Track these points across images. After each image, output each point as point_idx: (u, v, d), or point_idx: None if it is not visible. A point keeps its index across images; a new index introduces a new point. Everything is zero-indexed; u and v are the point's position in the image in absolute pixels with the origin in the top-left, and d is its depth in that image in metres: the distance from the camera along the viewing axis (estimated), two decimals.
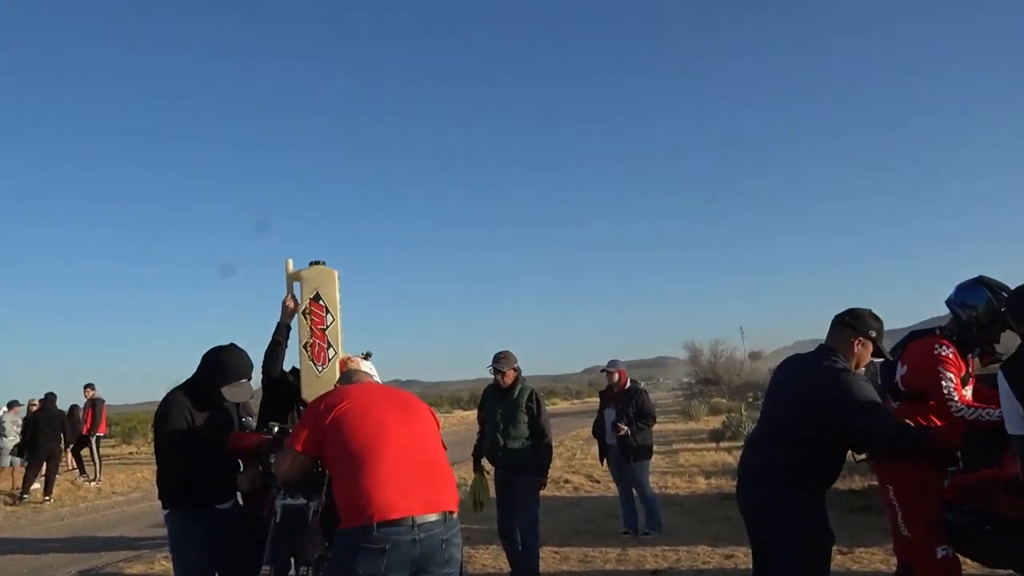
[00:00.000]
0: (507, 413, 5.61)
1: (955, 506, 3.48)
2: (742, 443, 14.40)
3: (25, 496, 12.49)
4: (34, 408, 13.73)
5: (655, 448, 8.02)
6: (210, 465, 3.58)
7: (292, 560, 3.38)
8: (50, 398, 13.44)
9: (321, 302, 4.05)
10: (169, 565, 6.94)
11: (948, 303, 3.76)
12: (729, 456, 12.84)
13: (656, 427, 7.85)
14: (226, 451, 3.68)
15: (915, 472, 3.56)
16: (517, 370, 5.73)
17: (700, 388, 32.16)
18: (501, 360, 5.71)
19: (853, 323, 3.46)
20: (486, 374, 5.87)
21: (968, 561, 3.62)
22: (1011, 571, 3.49)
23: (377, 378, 5.04)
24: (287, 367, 4.24)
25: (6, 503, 12.35)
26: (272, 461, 3.42)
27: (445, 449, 3.19)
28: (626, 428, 7.17)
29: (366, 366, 5.06)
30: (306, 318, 4.05)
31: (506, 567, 5.93)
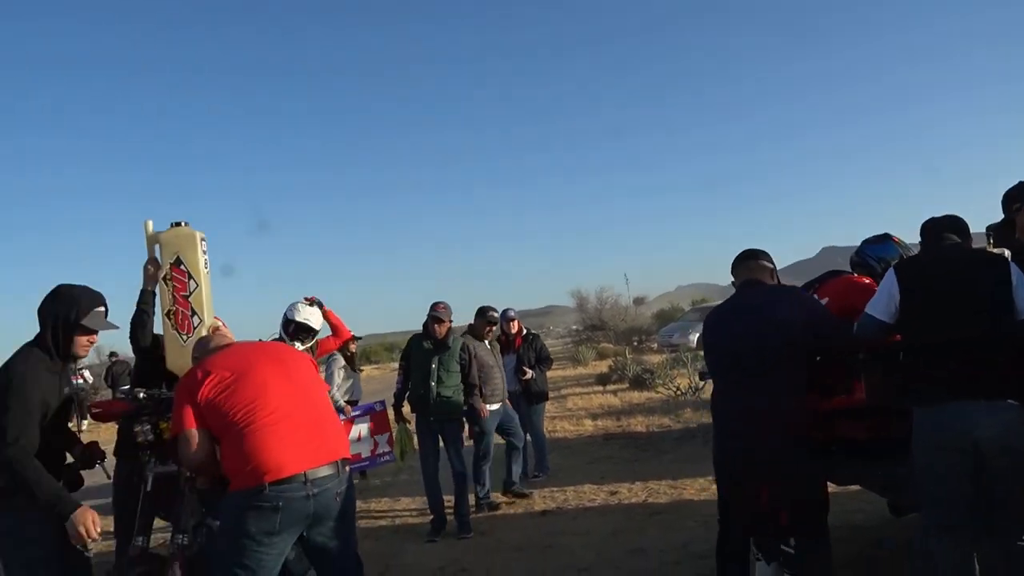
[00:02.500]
0: (443, 362, 5.74)
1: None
2: (627, 385, 14.84)
3: None
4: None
5: None
6: (59, 444, 3.10)
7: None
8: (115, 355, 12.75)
9: (183, 267, 3.81)
10: None
11: (860, 257, 3.92)
12: (614, 398, 13.28)
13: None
14: (66, 426, 3.20)
15: None
16: (451, 321, 5.87)
17: (587, 334, 32.92)
18: (442, 310, 5.81)
19: (769, 258, 3.55)
20: (376, 328, 5.88)
21: None
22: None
23: (315, 324, 4.94)
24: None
25: None
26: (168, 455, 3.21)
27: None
28: (532, 372, 7.28)
29: (311, 312, 5.03)
30: (168, 284, 3.81)
31: (426, 516, 6.02)
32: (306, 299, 5.10)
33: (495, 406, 6.34)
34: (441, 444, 5.84)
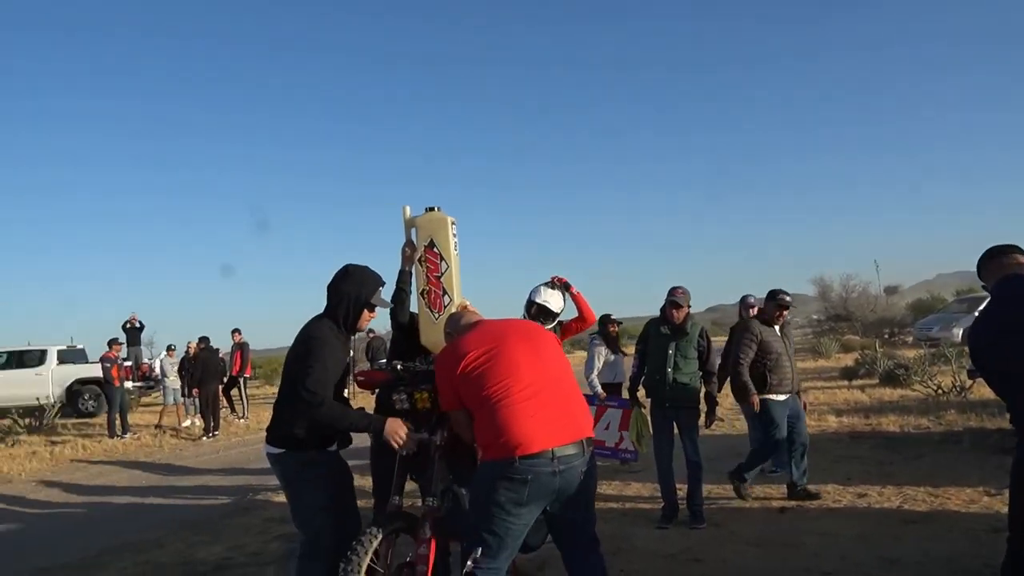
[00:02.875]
0: (680, 348, 5.66)
1: None
2: (877, 381, 13.73)
3: (215, 433, 13.53)
4: (191, 349, 14.98)
5: None
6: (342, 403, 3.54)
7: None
8: (207, 341, 14.57)
9: (435, 249, 4.08)
10: None
11: None
12: (862, 394, 12.30)
13: None
14: (342, 391, 3.60)
15: None
16: (690, 306, 5.77)
17: (830, 325, 30.77)
18: (680, 295, 5.73)
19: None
20: (625, 312, 5.92)
21: None
22: None
23: (555, 307, 4.92)
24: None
25: (172, 436, 13.62)
26: (403, 402, 3.55)
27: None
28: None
29: (552, 295, 5.02)
30: (422, 266, 4.11)
31: (656, 503, 6.04)
32: (552, 280, 5.15)
33: (782, 397, 6.06)
34: (676, 432, 5.76)
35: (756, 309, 7.22)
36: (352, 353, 3.77)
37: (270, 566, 5.30)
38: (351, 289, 3.46)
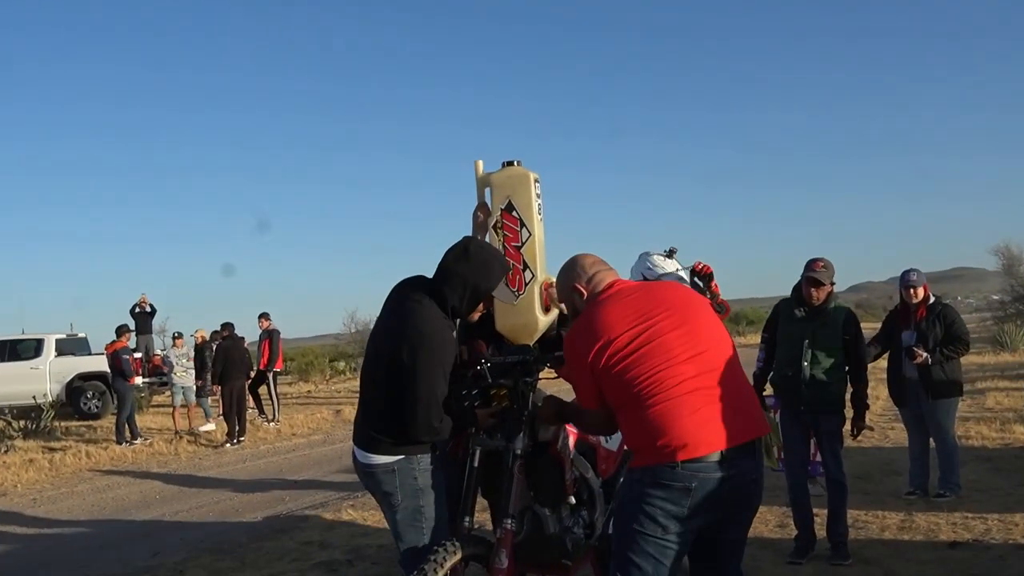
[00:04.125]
0: (819, 337, 5.49)
1: None
2: None
3: (240, 439, 14.08)
4: (200, 340, 15.46)
5: None
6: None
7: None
8: (231, 328, 14.96)
9: (514, 213, 3.98)
10: (356, 513, 7.74)
11: None
12: None
13: None
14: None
15: None
16: (833, 284, 5.56)
17: (1017, 308, 29.65)
18: (820, 269, 5.48)
19: None
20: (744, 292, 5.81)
21: None
22: None
23: (684, 277, 4.89)
24: None
25: (189, 443, 14.17)
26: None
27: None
28: (925, 354, 6.81)
29: (671, 265, 5.05)
30: (497, 233, 4.03)
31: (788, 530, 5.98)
32: (694, 267, 5.03)
33: None
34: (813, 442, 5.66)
35: (921, 289, 7.01)
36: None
37: None
38: (470, 276, 3.51)
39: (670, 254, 5.13)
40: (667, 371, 2.94)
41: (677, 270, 5.12)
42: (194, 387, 15.48)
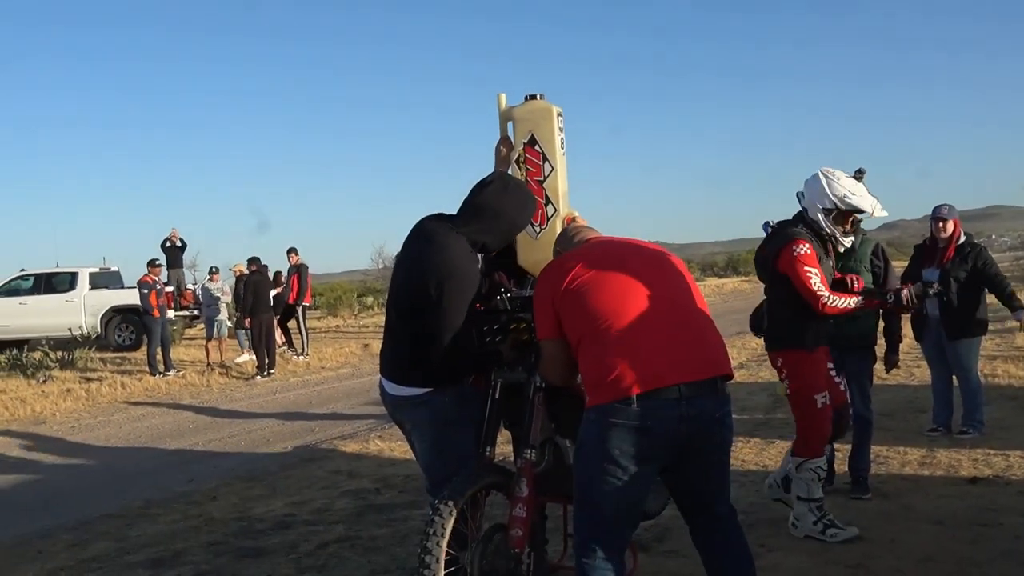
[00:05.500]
0: (845, 271, 5.24)
1: None
2: None
3: (271, 372, 14.33)
4: (238, 273, 15.62)
5: None
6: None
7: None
8: (259, 262, 15.08)
9: (537, 148, 3.97)
10: (383, 444, 7.91)
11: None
12: None
13: None
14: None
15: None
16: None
17: None
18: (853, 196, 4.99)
19: None
20: (747, 233, 5.71)
21: None
22: None
23: (867, 206, 4.62)
24: None
25: (221, 375, 14.45)
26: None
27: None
28: (937, 286, 6.61)
29: (858, 190, 4.64)
30: (520, 168, 4.04)
31: (774, 462, 5.99)
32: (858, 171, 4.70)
33: None
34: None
35: (951, 224, 6.85)
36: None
37: (338, 525, 5.62)
38: (509, 211, 3.56)
39: (859, 175, 4.75)
40: (626, 302, 2.98)
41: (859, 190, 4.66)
42: (226, 321, 15.72)
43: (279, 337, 16.19)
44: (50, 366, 14.99)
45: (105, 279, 19.75)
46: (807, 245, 4.54)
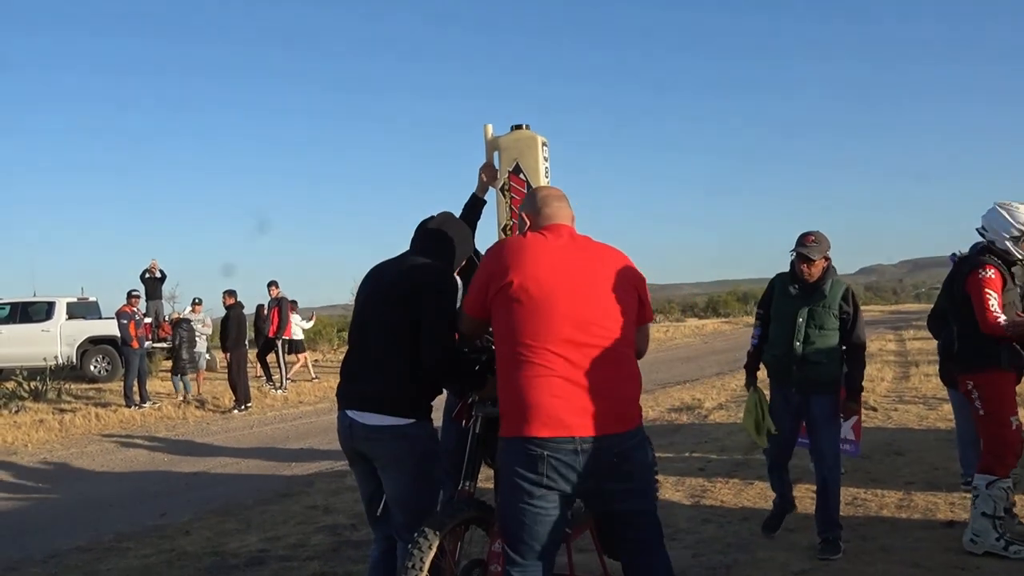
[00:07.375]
0: (813, 314, 5.30)
1: None
2: None
3: (247, 406, 14.18)
4: (176, 320, 15.53)
5: None
6: None
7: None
8: (235, 296, 15.00)
9: (522, 176, 4.05)
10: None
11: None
12: None
13: None
14: None
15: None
16: (828, 259, 5.36)
17: None
18: (811, 244, 5.25)
19: None
20: (727, 275, 5.70)
21: None
22: None
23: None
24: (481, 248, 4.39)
25: (197, 408, 14.31)
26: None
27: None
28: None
29: None
30: (505, 196, 4.10)
31: (752, 503, 5.99)
32: None
33: None
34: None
35: None
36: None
37: (313, 560, 5.56)
38: (460, 239, 3.77)
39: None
40: (544, 339, 3.01)
41: None
42: (205, 354, 15.58)
43: (257, 370, 16.04)
44: (23, 396, 14.79)
45: (82, 309, 19.60)
46: (994, 271, 4.96)
